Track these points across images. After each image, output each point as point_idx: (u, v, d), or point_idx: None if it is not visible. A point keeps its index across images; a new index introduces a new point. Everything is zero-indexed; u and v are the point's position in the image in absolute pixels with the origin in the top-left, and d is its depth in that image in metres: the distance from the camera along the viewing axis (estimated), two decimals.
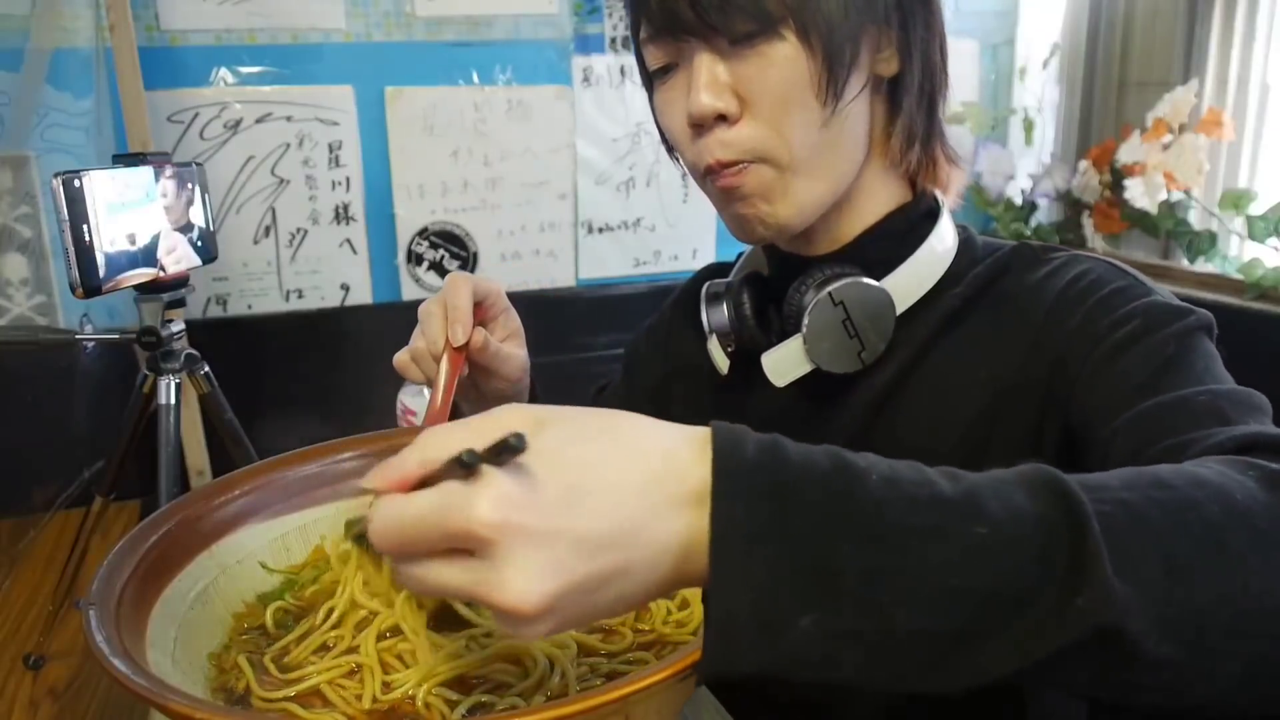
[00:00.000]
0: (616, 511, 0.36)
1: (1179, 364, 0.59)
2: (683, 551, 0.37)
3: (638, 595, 0.38)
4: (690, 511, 0.37)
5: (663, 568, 0.37)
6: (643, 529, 0.36)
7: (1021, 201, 2.23)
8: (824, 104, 0.65)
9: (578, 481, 0.36)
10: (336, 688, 0.52)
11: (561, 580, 0.35)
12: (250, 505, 0.65)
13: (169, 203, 1.21)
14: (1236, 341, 0.69)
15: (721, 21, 0.63)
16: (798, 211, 0.68)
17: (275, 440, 0.81)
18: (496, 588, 0.35)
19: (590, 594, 0.36)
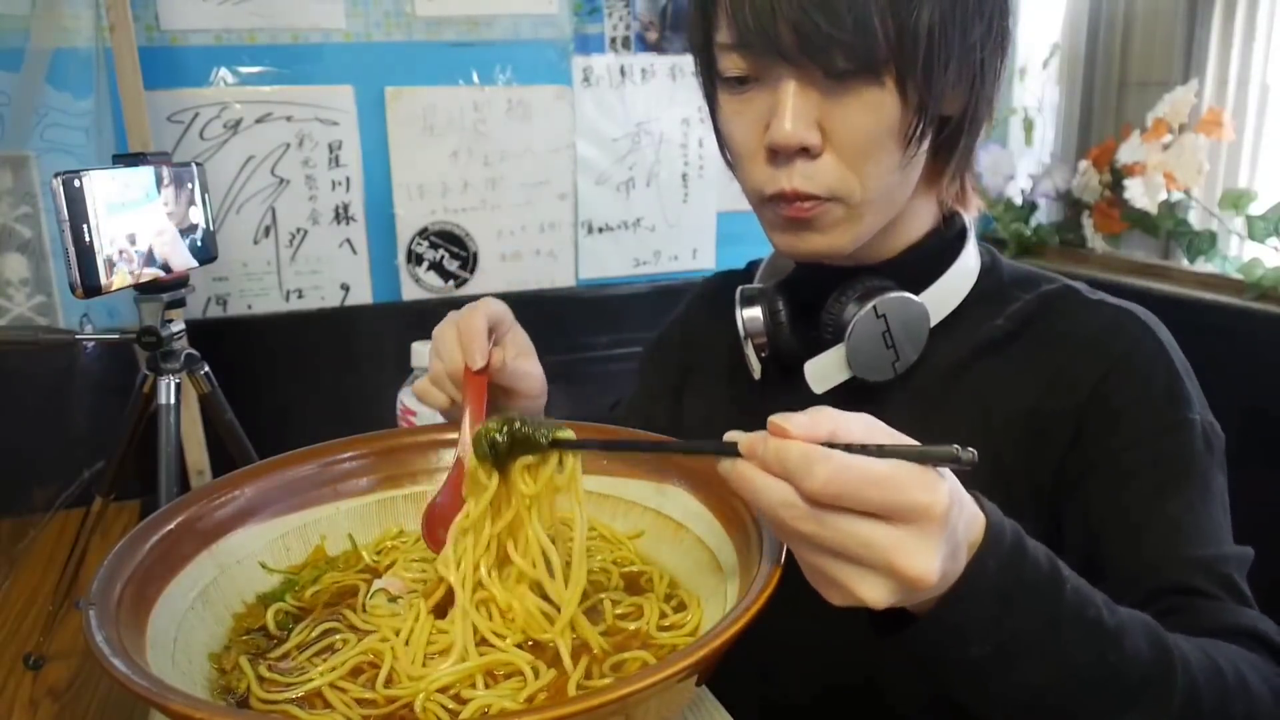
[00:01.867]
0: (962, 546, 0.48)
1: (1207, 511, 0.66)
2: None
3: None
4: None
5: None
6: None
7: (1021, 201, 2.23)
8: (905, 149, 0.66)
9: (960, 503, 0.47)
10: (337, 690, 0.52)
11: (946, 568, 0.46)
12: (250, 505, 0.65)
13: (169, 203, 1.21)
14: (1236, 341, 0.71)
15: (822, 56, 0.62)
16: (853, 241, 0.70)
17: (275, 440, 0.81)
18: (915, 556, 0.44)
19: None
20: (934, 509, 0.44)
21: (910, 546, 0.44)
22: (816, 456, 0.44)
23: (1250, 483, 0.65)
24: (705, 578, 0.61)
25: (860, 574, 0.46)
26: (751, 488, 0.46)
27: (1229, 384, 1.63)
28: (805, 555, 0.47)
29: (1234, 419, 1.51)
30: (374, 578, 0.64)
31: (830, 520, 0.44)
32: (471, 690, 0.51)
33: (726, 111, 0.70)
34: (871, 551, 0.44)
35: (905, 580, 0.44)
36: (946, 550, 0.45)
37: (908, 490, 0.44)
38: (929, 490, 0.44)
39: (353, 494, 0.71)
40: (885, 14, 0.61)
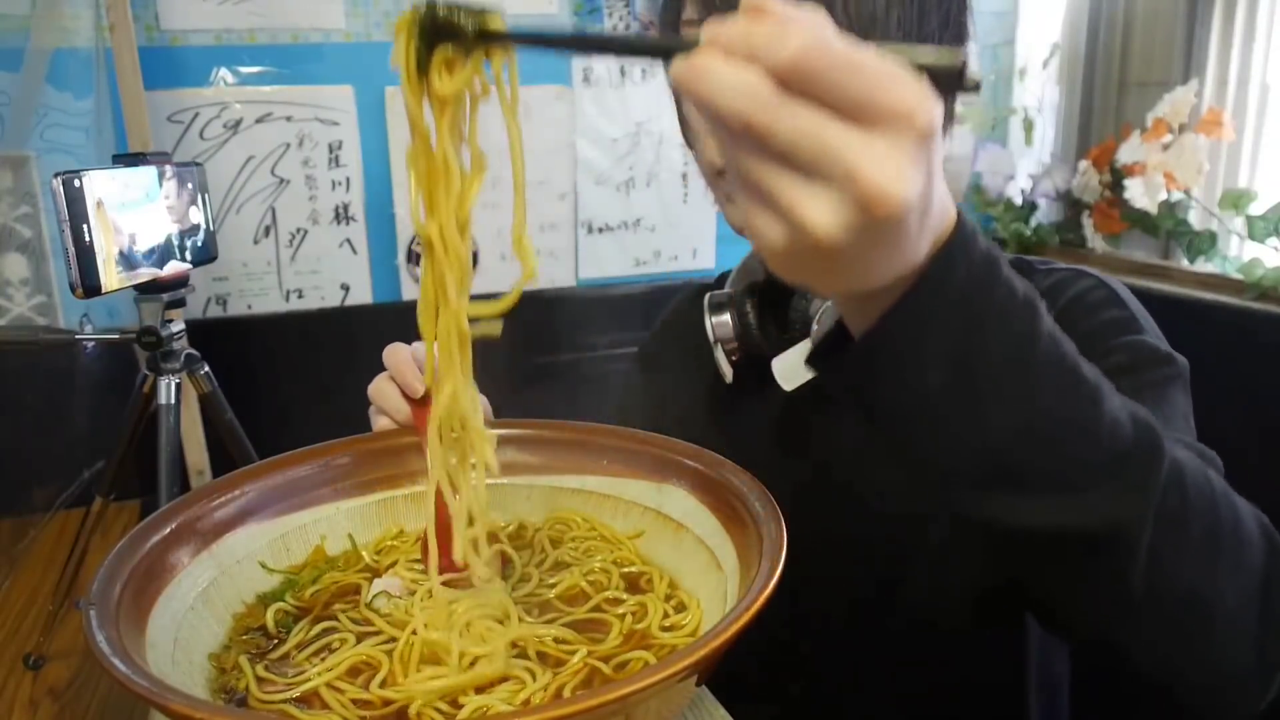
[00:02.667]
0: (925, 232, 0.40)
1: (1154, 409, 0.60)
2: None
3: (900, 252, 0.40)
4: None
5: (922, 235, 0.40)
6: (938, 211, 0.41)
7: (1021, 201, 2.23)
8: None
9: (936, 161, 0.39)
10: (334, 691, 0.52)
11: (912, 196, 0.36)
12: (250, 505, 0.65)
13: (169, 203, 1.21)
14: (1236, 341, 0.70)
15: None
16: None
17: (275, 440, 0.81)
18: (880, 162, 0.35)
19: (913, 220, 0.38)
20: (917, 115, 0.35)
21: (880, 153, 0.35)
22: (794, 27, 0.35)
23: (1250, 482, 0.63)
24: (705, 578, 0.61)
25: (809, 187, 0.36)
26: (705, 82, 0.36)
27: (1229, 384, 1.64)
28: (749, 169, 0.37)
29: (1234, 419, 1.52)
30: (374, 577, 0.64)
31: (791, 109, 0.35)
32: (466, 696, 0.52)
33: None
34: (831, 152, 0.35)
35: (864, 195, 0.35)
36: (919, 179, 0.36)
37: (890, 85, 0.35)
38: (916, 92, 0.35)
39: (353, 494, 0.70)
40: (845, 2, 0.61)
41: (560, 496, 0.72)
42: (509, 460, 0.74)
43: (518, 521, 0.72)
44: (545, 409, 0.82)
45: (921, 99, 0.35)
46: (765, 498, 0.57)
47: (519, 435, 0.74)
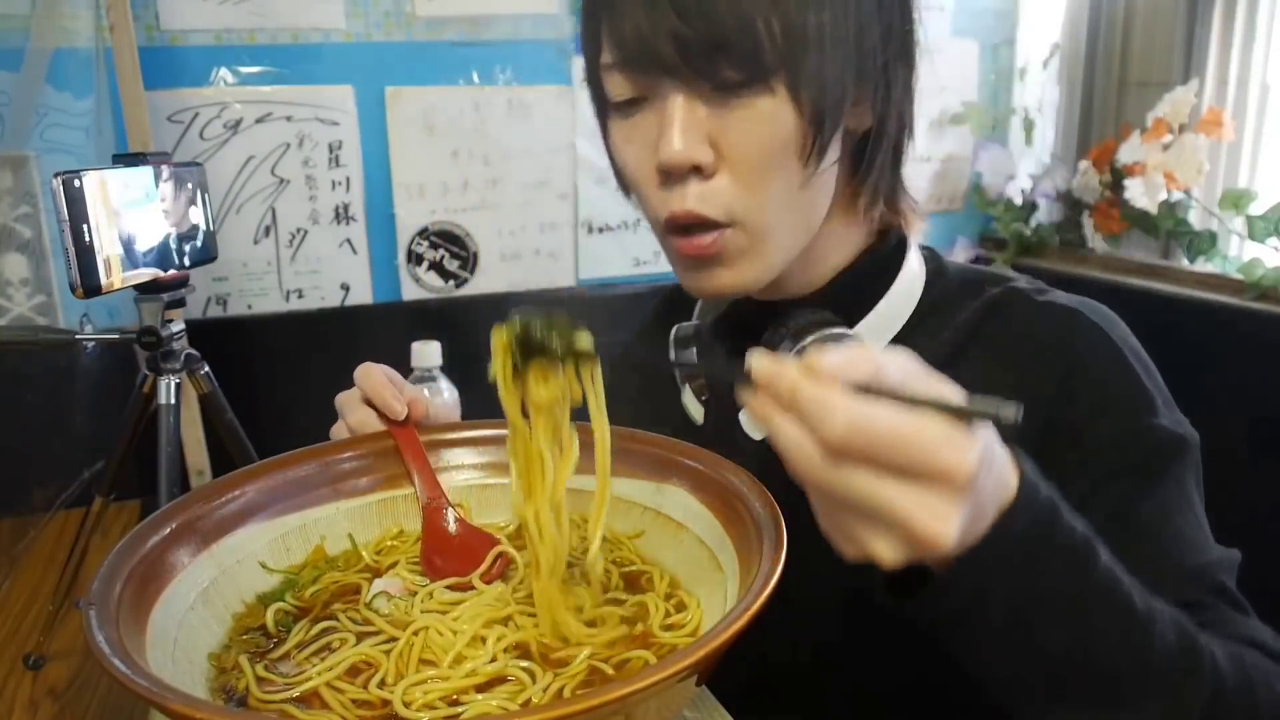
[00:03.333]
0: (989, 506, 0.46)
1: (1184, 517, 0.63)
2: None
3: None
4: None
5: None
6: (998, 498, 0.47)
7: (1021, 201, 2.23)
8: (805, 165, 0.61)
9: (990, 470, 0.44)
10: (334, 690, 0.52)
11: (966, 530, 0.43)
12: (250, 505, 0.65)
13: (169, 203, 1.21)
14: (1236, 341, 0.70)
15: (707, 67, 0.58)
16: (761, 274, 0.66)
17: (275, 440, 0.81)
18: (933, 520, 0.42)
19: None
20: (958, 473, 0.41)
21: (929, 508, 0.42)
22: (837, 404, 0.41)
23: (1250, 482, 0.63)
24: (705, 578, 0.61)
25: (874, 530, 0.43)
26: (765, 425, 0.43)
27: (1229, 384, 1.64)
28: (819, 502, 0.45)
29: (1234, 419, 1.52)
30: (374, 577, 0.65)
31: (846, 474, 0.42)
32: (468, 695, 0.52)
33: (617, 139, 0.66)
34: (888, 510, 0.42)
35: (920, 542, 0.42)
36: (968, 513, 0.43)
37: (932, 451, 0.41)
38: (956, 452, 0.41)
39: (353, 494, 0.71)
40: (770, 16, 0.57)
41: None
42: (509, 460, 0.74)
43: (518, 521, 0.71)
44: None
45: (959, 460, 0.41)
46: (765, 498, 0.57)
47: None
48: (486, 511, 0.72)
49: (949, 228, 2.29)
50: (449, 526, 0.69)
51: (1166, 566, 0.60)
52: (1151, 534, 0.61)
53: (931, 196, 2.26)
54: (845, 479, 0.42)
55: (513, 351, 0.54)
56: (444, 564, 0.65)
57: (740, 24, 0.57)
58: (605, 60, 0.64)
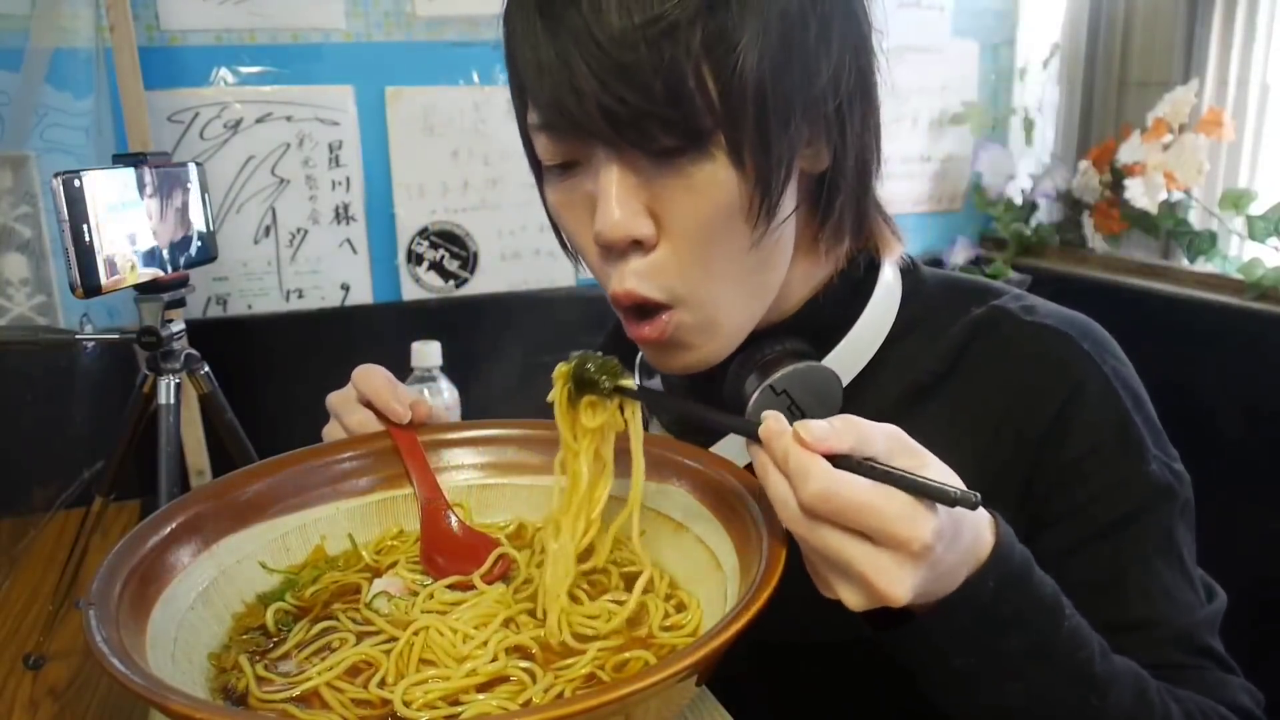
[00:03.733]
0: (959, 568, 0.50)
1: (1173, 570, 0.63)
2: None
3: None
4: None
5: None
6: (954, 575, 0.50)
7: (1021, 201, 2.23)
8: (754, 227, 0.57)
9: (953, 539, 0.48)
10: (334, 690, 0.52)
11: (923, 590, 0.48)
12: (250, 505, 0.65)
13: (169, 202, 1.21)
14: (1236, 341, 0.69)
15: (638, 136, 0.53)
16: (725, 345, 0.63)
17: (275, 440, 0.81)
18: (889, 581, 0.46)
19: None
20: (913, 544, 0.46)
21: (886, 568, 0.46)
22: (814, 471, 0.47)
23: (1250, 482, 0.63)
24: (705, 578, 0.61)
25: (841, 578, 0.49)
26: (760, 475, 0.50)
27: (1229, 384, 1.64)
28: (801, 546, 0.50)
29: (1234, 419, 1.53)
30: (374, 577, 0.65)
31: (818, 529, 0.47)
32: (469, 695, 0.51)
33: (554, 201, 0.63)
34: (851, 566, 0.47)
35: (876, 594, 0.47)
36: (926, 577, 0.47)
37: (891, 522, 0.46)
38: (913, 526, 0.46)
39: (353, 494, 0.70)
40: (702, 74, 0.52)
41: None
42: (509, 460, 0.74)
43: (517, 521, 0.72)
44: (545, 409, 0.82)
45: (916, 533, 0.46)
46: (765, 498, 0.57)
47: (519, 435, 0.74)
48: (487, 512, 0.72)
49: (949, 228, 2.29)
50: (448, 525, 0.69)
51: (1155, 631, 0.61)
52: (1142, 596, 0.62)
53: (931, 196, 2.26)
54: (817, 534, 0.47)
55: (569, 383, 0.61)
56: (446, 563, 0.65)
57: (670, 88, 0.51)
58: (531, 120, 0.59)
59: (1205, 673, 0.61)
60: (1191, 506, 0.65)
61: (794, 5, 0.54)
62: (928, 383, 0.67)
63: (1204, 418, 1.38)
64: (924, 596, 0.49)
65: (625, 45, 0.51)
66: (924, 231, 2.26)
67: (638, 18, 0.51)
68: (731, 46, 0.52)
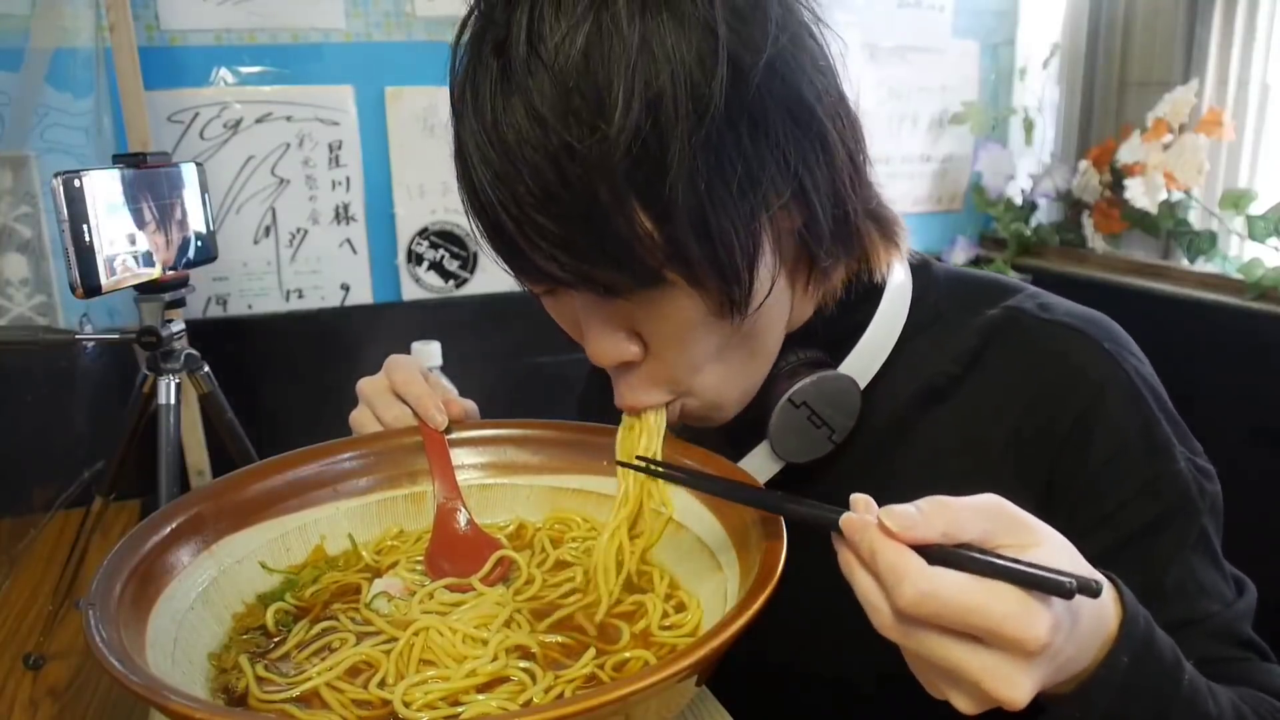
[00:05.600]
0: (1083, 653, 0.47)
1: (1206, 569, 0.62)
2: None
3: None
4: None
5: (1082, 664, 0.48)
6: (1086, 654, 0.48)
7: (1021, 201, 2.24)
8: (733, 320, 0.57)
9: (1073, 627, 0.45)
10: (334, 690, 0.52)
11: (1042, 687, 0.44)
12: (250, 505, 0.65)
13: (169, 202, 1.21)
14: (1236, 341, 0.69)
15: (589, 286, 0.54)
16: (735, 407, 0.64)
17: (275, 440, 0.81)
18: (1005, 685, 0.43)
19: None
20: (1028, 643, 0.42)
21: (1000, 673, 0.43)
22: (907, 572, 0.42)
23: (1251, 483, 0.63)
24: (705, 578, 0.61)
25: (950, 683, 0.45)
26: (847, 574, 0.46)
27: (1229, 384, 1.64)
28: (904, 652, 0.46)
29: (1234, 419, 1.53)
30: (374, 577, 0.64)
31: (917, 635, 0.44)
32: (469, 695, 0.51)
33: (548, 309, 0.63)
34: (959, 671, 0.43)
35: (990, 699, 0.44)
36: (1045, 673, 0.44)
37: (1001, 623, 0.42)
38: (1027, 625, 0.42)
39: (353, 494, 0.70)
40: (635, 221, 0.50)
41: (560, 496, 0.72)
42: (509, 460, 0.74)
43: (518, 521, 0.72)
44: (545, 409, 0.82)
45: (1030, 633, 0.42)
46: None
47: (519, 435, 0.74)
48: (487, 512, 0.72)
49: (949, 228, 2.29)
50: (459, 527, 0.69)
51: (1196, 629, 0.60)
52: (1181, 595, 0.61)
53: (931, 196, 2.26)
54: (917, 640, 0.44)
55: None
56: (450, 567, 0.65)
57: (607, 242, 0.51)
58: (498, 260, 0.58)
59: (1250, 665, 0.60)
60: (1220, 501, 0.64)
61: (715, 119, 0.50)
62: (942, 384, 0.66)
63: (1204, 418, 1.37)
64: (1047, 687, 0.46)
65: (552, 212, 0.50)
66: (924, 231, 2.26)
67: (557, 181, 0.50)
68: (658, 186, 0.50)
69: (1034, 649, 0.42)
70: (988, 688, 0.43)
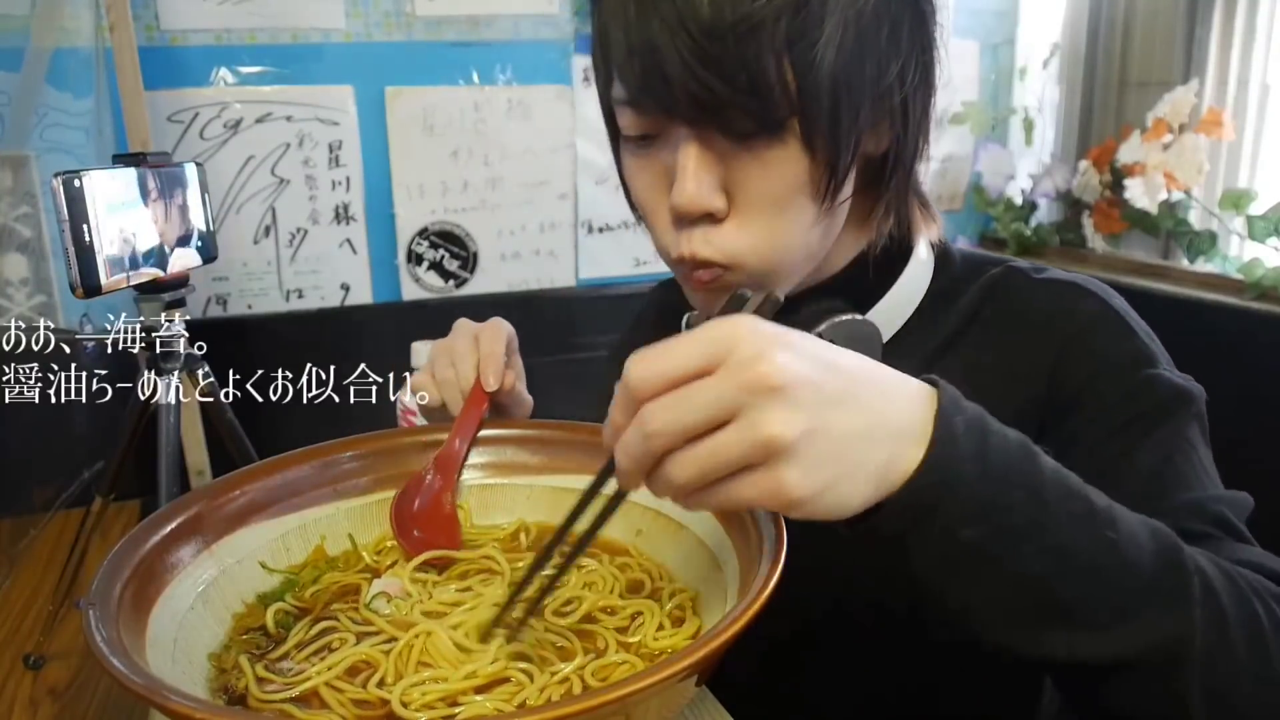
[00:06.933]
0: (868, 383, 0.45)
1: (1185, 458, 0.61)
2: (907, 430, 0.45)
3: (869, 441, 0.44)
4: (911, 443, 0.45)
5: (891, 423, 0.45)
6: (882, 400, 0.45)
7: (1021, 201, 2.24)
8: (819, 204, 0.61)
9: (835, 361, 0.44)
10: (334, 690, 0.52)
11: (812, 425, 0.41)
12: (250, 505, 0.65)
13: (169, 202, 1.21)
14: (1237, 341, 0.69)
15: (719, 121, 0.58)
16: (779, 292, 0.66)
17: (275, 440, 0.81)
18: (769, 425, 0.40)
19: (833, 416, 0.42)
20: (721, 325, 0.42)
21: (752, 416, 0.41)
22: (627, 371, 0.43)
23: (1250, 483, 0.63)
24: (705, 578, 0.60)
25: (736, 479, 0.42)
26: (623, 462, 0.44)
27: (1229, 384, 1.63)
28: (690, 494, 0.44)
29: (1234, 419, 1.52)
30: (374, 577, 0.64)
31: (668, 411, 0.42)
32: (466, 696, 0.51)
33: (630, 168, 0.67)
34: (723, 452, 0.41)
35: (771, 457, 0.41)
36: (810, 414, 0.41)
37: (699, 334, 0.42)
38: (730, 332, 0.42)
39: (353, 494, 0.70)
40: (784, 66, 0.56)
41: (560, 496, 0.72)
42: (509, 460, 0.74)
43: (519, 521, 0.72)
44: (545, 409, 0.82)
45: (732, 335, 0.42)
46: None
47: (519, 435, 0.74)
48: (487, 512, 0.72)
49: (949, 227, 2.28)
50: (444, 505, 0.70)
51: (1162, 502, 0.57)
52: (1148, 474, 0.60)
53: (931, 196, 2.26)
54: (669, 410, 0.42)
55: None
56: (421, 533, 0.67)
57: (753, 79, 0.56)
58: (615, 94, 0.62)
59: (1221, 541, 0.56)
60: (1206, 421, 0.64)
61: (868, 8, 0.58)
62: (950, 336, 0.69)
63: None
64: (873, 492, 0.44)
65: (715, 37, 0.55)
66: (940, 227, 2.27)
67: (729, 13, 0.55)
68: (811, 44, 0.56)
69: (751, 356, 0.41)
70: (753, 438, 0.41)
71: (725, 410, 0.41)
